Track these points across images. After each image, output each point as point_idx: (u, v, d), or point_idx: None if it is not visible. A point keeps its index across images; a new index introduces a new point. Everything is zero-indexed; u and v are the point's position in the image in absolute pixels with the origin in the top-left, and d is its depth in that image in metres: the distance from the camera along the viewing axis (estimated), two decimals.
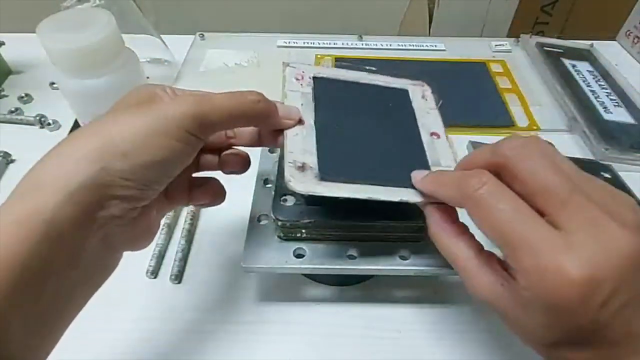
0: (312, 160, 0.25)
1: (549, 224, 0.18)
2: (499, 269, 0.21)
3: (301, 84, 0.29)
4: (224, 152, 0.27)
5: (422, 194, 0.25)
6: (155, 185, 0.21)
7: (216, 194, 0.27)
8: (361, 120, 0.29)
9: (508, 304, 0.20)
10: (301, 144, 0.26)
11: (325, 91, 0.30)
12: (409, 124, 0.30)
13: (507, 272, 0.20)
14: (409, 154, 0.28)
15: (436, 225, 0.23)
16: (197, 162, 0.27)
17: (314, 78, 0.30)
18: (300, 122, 0.26)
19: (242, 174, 0.28)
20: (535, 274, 0.18)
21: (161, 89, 0.23)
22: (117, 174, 0.19)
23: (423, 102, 0.32)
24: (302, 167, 0.24)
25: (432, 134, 0.30)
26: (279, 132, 0.26)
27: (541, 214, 0.19)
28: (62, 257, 0.18)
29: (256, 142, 0.27)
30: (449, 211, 0.24)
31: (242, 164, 0.27)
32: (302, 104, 0.28)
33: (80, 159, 0.19)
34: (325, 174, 0.25)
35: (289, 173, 0.24)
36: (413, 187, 0.25)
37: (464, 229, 0.23)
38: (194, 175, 0.27)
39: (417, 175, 0.25)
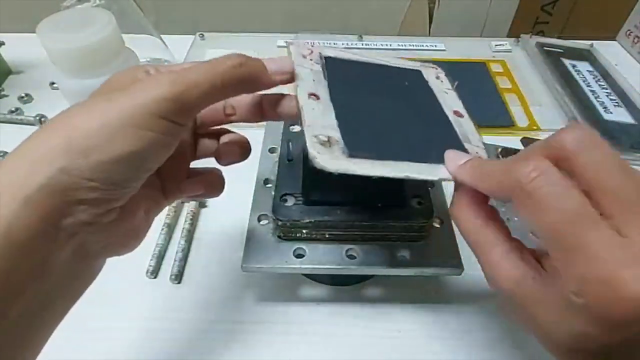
0: (336, 135, 0.22)
1: (612, 229, 0.16)
2: (531, 260, 0.19)
3: (311, 60, 0.26)
4: (220, 142, 0.24)
5: None
6: (129, 183, 0.18)
7: (211, 184, 0.24)
8: (379, 97, 0.27)
9: (535, 300, 0.18)
10: (320, 119, 0.23)
11: (337, 69, 0.27)
12: (430, 101, 0.28)
13: (541, 265, 0.19)
14: (436, 131, 0.26)
15: (465, 207, 0.21)
16: (194, 149, 0.24)
17: (325, 57, 0.28)
18: (314, 96, 0.24)
19: (242, 174, 0.28)
20: (593, 284, 0.16)
21: (144, 70, 0.20)
22: (78, 174, 0.16)
23: (438, 82, 0.31)
24: (328, 142, 0.21)
25: (455, 112, 0.28)
26: (282, 97, 0.23)
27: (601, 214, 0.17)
28: (24, 271, 0.16)
29: (259, 116, 0.24)
30: (481, 192, 0.21)
31: (240, 153, 0.24)
32: (314, 80, 0.25)
33: (37, 160, 0.16)
34: (353, 150, 0.22)
35: (315, 149, 0.21)
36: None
37: (494, 214, 0.21)
38: (193, 165, 0.25)
39: (453, 160, 0.22)
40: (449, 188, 0.33)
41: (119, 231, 0.20)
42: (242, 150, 0.24)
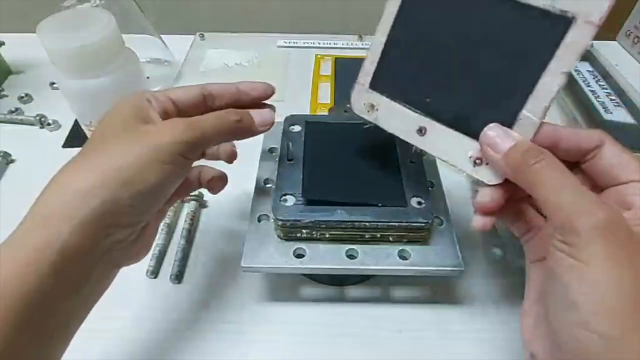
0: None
1: None
2: None
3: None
4: (208, 180, 0.29)
5: None
6: (155, 207, 0.23)
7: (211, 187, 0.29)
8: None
9: None
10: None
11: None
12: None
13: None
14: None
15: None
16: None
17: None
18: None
19: (242, 174, 0.28)
20: None
21: (146, 104, 0.24)
22: (120, 202, 0.20)
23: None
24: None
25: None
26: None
27: None
28: (69, 284, 0.20)
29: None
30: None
31: (222, 185, 0.30)
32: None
33: (85, 193, 0.20)
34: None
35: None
36: None
37: None
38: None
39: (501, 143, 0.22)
40: (449, 188, 0.33)
41: (138, 245, 0.24)
42: (223, 183, 0.30)
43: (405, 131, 0.26)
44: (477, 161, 0.23)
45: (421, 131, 0.25)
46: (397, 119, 0.26)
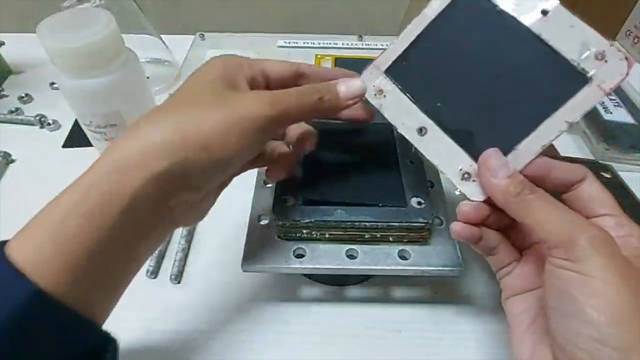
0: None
1: None
2: None
3: None
4: (298, 138, 0.28)
5: None
6: (224, 176, 0.23)
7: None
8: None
9: None
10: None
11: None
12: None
13: None
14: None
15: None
16: None
17: None
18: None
19: (242, 174, 0.28)
20: None
21: (238, 69, 0.24)
22: (196, 165, 0.20)
23: None
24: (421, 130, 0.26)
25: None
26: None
27: None
28: (130, 237, 0.20)
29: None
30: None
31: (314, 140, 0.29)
32: None
33: (164, 147, 0.19)
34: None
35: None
36: None
37: None
38: None
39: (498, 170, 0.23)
40: (449, 188, 0.33)
41: (196, 210, 0.24)
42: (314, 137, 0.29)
43: (407, 126, 0.26)
44: (465, 175, 0.24)
45: (421, 131, 0.26)
46: (402, 113, 0.26)
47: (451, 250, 0.28)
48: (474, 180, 0.24)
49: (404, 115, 0.26)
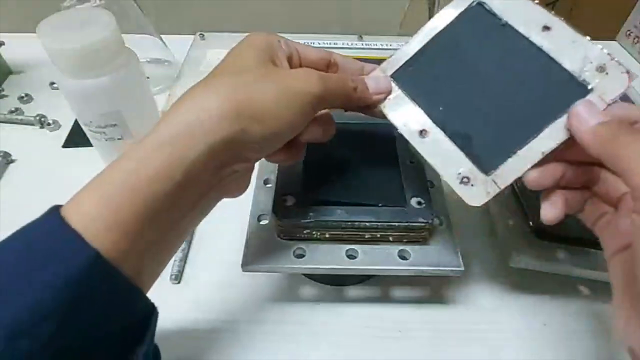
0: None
1: None
2: None
3: None
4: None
5: None
6: (276, 147, 0.23)
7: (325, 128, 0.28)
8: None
9: None
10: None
11: None
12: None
13: None
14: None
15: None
16: None
17: None
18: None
19: None
20: None
21: (278, 45, 0.24)
22: (250, 136, 0.20)
23: None
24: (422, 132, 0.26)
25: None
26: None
27: None
28: (189, 199, 0.20)
29: None
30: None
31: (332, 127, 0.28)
32: None
33: (221, 118, 0.20)
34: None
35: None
36: None
37: None
38: None
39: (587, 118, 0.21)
40: (449, 189, 0.33)
41: (241, 181, 0.24)
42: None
43: (408, 129, 0.26)
44: (464, 179, 0.24)
45: (422, 133, 0.26)
46: (405, 115, 0.27)
47: (451, 250, 0.28)
48: (472, 185, 0.24)
49: (406, 117, 0.26)
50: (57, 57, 0.33)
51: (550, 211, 0.23)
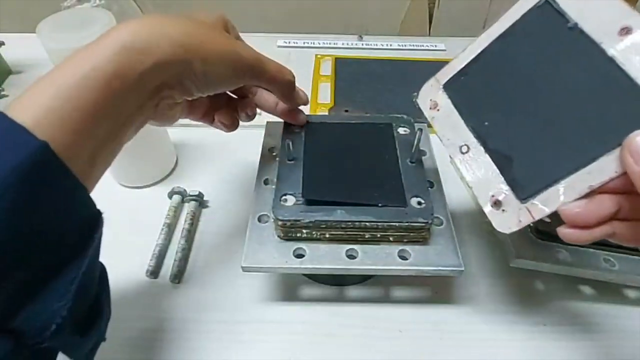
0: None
1: None
2: None
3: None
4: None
5: None
6: (202, 94, 0.26)
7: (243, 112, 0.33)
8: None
9: None
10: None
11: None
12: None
13: None
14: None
15: None
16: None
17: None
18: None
19: (242, 174, 0.28)
20: None
21: (230, 25, 0.29)
22: (194, 70, 0.23)
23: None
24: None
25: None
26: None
27: None
28: (131, 106, 0.22)
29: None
30: None
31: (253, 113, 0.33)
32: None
33: (175, 46, 0.22)
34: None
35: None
36: None
37: None
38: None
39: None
40: (449, 188, 0.33)
41: (169, 113, 0.27)
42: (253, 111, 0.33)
43: (452, 143, 0.26)
44: (495, 202, 0.23)
45: (463, 149, 0.25)
46: (451, 128, 0.26)
47: (451, 250, 0.28)
48: (504, 210, 0.22)
49: (451, 131, 0.26)
50: (57, 57, 0.33)
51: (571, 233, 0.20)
